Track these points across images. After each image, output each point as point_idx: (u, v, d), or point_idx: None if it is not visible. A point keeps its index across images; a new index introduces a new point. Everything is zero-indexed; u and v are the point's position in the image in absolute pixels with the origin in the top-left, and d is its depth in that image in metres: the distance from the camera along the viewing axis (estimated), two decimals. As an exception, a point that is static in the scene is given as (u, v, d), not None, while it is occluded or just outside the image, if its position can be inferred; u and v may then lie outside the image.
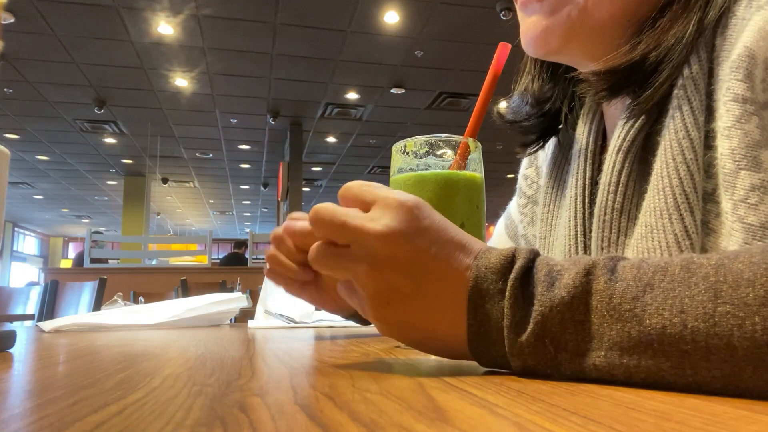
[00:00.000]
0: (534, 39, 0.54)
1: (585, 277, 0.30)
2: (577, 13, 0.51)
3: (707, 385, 0.27)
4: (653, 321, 0.28)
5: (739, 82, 0.40)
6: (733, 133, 0.40)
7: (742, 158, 0.40)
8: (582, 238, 0.55)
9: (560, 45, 0.53)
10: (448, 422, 0.20)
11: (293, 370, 0.36)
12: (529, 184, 0.71)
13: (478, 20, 4.65)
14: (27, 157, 8.65)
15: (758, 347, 0.25)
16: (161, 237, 10.91)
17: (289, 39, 5.01)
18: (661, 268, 0.29)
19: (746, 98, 0.40)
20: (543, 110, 0.63)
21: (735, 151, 0.40)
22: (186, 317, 1.00)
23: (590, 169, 0.57)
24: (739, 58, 0.41)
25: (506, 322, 0.32)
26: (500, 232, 0.78)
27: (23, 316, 2.72)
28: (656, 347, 0.28)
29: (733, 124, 0.40)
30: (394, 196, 0.37)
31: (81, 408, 0.24)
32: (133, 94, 6.23)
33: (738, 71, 0.40)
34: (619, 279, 0.30)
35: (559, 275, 0.31)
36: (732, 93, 0.41)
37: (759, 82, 0.40)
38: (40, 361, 0.47)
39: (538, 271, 0.32)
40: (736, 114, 0.40)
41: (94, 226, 14.30)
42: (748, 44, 0.40)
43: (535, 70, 0.64)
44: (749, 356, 0.25)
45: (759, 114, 0.40)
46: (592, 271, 0.31)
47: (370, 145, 8.22)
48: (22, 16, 4.48)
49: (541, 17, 0.53)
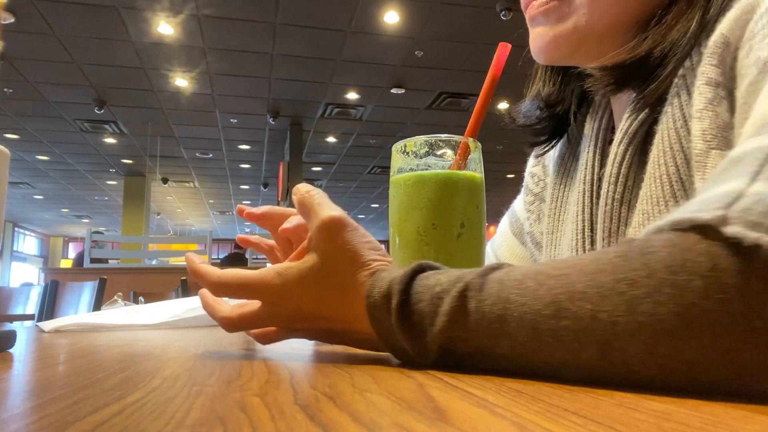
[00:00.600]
0: (543, 49, 0.55)
1: (459, 301, 0.33)
2: (584, 22, 0.51)
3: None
4: (507, 344, 0.31)
5: (713, 66, 0.41)
6: (705, 115, 0.41)
7: (713, 138, 0.40)
8: (589, 232, 0.55)
9: (569, 53, 0.54)
10: (448, 422, 0.20)
11: (293, 370, 0.36)
12: (536, 181, 0.72)
13: (478, 20, 4.65)
14: (27, 157, 8.65)
15: (585, 369, 0.28)
16: (161, 237, 10.91)
17: (289, 39, 5.01)
18: (517, 281, 0.32)
19: (718, 82, 0.41)
20: (554, 112, 0.64)
21: (706, 131, 0.41)
22: (186, 317, 1.00)
23: (598, 164, 0.57)
24: (714, 45, 0.42)
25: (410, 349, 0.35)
26: (504, 231, 0.78)
27: (23, 316, 2.72)
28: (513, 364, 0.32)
29: (705, 106, 0.41)
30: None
31: (81, 408, 0.24)
32: (133, 94, 6.23)
33: (713, 57, 0.41)
34: (485, 299, 0.32)
35: (440, 300, 0.34)
36: (705, 77, 0.42)
37: (729, 69, 0.41)
38: (40, 361, 0.46)
39: (419, 302, 0.35)
40: (708, 97, 0.41)
41: (94, 226, 14.30)
42: (724, 31, 0.41)
43: (546, 75, 0.65)
44: (593, 371, 0.28)
45: (729, 98, 0.40)
46: (465, 294, 0.33)
47: (370, 145, 8.22)
48: (22, 16, 4.47)
49: (548, 28, 0.54)
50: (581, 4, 0.51)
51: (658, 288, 0.26)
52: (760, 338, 0.24)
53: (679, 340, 0.25)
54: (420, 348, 0.34)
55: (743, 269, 0.24)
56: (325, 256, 0.40)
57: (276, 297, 0.41)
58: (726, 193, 0.26)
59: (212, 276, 0.43)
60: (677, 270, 0.25)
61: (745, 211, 0.25)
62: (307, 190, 0.43)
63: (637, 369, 0.27)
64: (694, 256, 0.25)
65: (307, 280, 0.40)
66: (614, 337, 0.27)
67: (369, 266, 0.39)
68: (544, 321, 0.29)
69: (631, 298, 0.26)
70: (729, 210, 0.25)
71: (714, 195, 0.27)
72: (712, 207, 0.26)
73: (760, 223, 0.24)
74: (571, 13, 0.52)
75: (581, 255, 0.31)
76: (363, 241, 0.40)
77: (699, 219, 0.26)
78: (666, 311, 0.25)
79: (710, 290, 0.24)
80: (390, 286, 0.36)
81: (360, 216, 13.82)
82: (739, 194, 0.26)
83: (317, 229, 0.40)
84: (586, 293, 0.28)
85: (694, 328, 0.25)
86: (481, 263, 0.51)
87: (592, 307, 0.27)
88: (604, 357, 0.27)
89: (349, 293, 0.39)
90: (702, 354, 0.25)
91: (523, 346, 0.30)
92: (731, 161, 0.30)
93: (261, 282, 0.41)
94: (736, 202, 0.25)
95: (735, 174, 0.28)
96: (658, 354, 0.26)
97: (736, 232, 0.24)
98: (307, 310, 0.41)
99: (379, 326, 0.37)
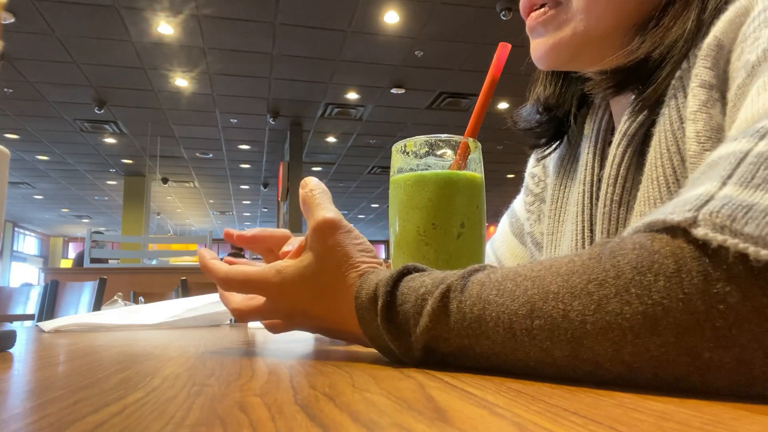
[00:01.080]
0: (543, 57, 0.56)
1: (441, 301, 0.34)
2: (582, 28, 0.52)
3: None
4: (486, 343, 0.32)
5: (707, 69, 0.41)
6: (699, 117, 0.41)
7: (707, 140, 0.40)
8: (589, 233, 0.56)
9: (569, 59, 0.55)
10: (448, 422, 0.20)
11: (293, 370, 0.36)
12: (537, 182, 0.72)
13: (478, 20, 4.65)
14: (27, 157, 8.65)
15: (558, 367, 0.29)
16: (161, 237, 10.90)
17: (289, 39, 5.01)
18: (497, 282, 0.32)
19: (712, 84, 0.41)
20: (554, 115, 0.65)
21: (700, 133, 0.41)
22: (186, 317, 1.00)
23: (598, 166, 0.58)
24: (708, 47, 0.42)
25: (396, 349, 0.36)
26: (505, 231, 0.78)
27: (23, 316, 2.72)
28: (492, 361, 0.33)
29: (699, 108, 0.41)
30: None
31: (81, 408, 0.24)
32: (133, 94, 6.23)
33: (706, 59, 0.42)
34: (466, 299, 0.33)
35: (424, 302, 0.35)
36: (699, 79, 0.42)
37: (722, 71, 0.41)
38: (40, 361, 0.47)
39: (404, 303, 0.36)
40: (702, 99, 0.41)
41: (94, 226, 14.30)
42: (717, 34, 0.41)
43: (547, 79, 0.66)
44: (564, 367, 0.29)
45: (722, 100, 0.41)
46: (447, 295, 0.34)
47: (370, 145, 8.22)
48: (22, 16, 4.47)
49: (547, 38, 0.55)
50: (578, 10, 0.52)
51: (626, 288, 0.27)
52: (721, 338, 0.24)
53: (645, 339, 0.26)
54: (405, 347, 0.36)
55: (707, 271, 0.25)
56: (318, 257, 0.42)
57: (275, 294, 0.44)
58: (698, 196, 0.27)
59: (220, 272, 0.46)
60: (644, 271, 0.26)
61: (712, 214, 0.25)
62: (311, 188, 0.45)
63: (606, 366, 0.28)
64: (660, 258, 0.26)
65: (303, 278, 0.42)
66: (584, 335, 0.28)
67: (358, 268, 0.41)
68: (519, 321, 0.30)
69: (600, 298, 0.27)
70: (699, 212, 0.26)
71: (687, 197, 0.28)
72: (684, 209, 0.27)
73: (726, 226, 0.24)
74: (568, 20, 0.53)
75: (559, 257, 0.32)
76: (354, 243, 0.42)
77: (671, 220, 0.27)
78: (632, 311, 0.26)
79: (674, 291, 0.25)
80: (376, 288, 0.37)
81: (360, 216, 13.82)
82: (710, 197, 0.26)
83: (312, 230, 0.42)
84: (559, 293, 0.29)
85: (659, 327, 0.26)
86: (482, 263, 0.51)
87: (564, 307, 0.28)
88: (575, 355, 0.28)
89: (340, 294, 0.41)
90: (665, 352, 0.26)
91: (500, 345, 0.31)
92: (708, 164, 0.30)
93: (262, 279, 0.44)
94: (705, 204, 0.26)
95: (709, 177, 0.28)
96: (625, 352, 0.27)
97: (704, 234, 0.25)
98: (302, 308, 0.44)
99: (366, 326, 0.38)
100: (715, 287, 0.24)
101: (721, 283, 0.24)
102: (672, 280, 0.25)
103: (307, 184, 0.46)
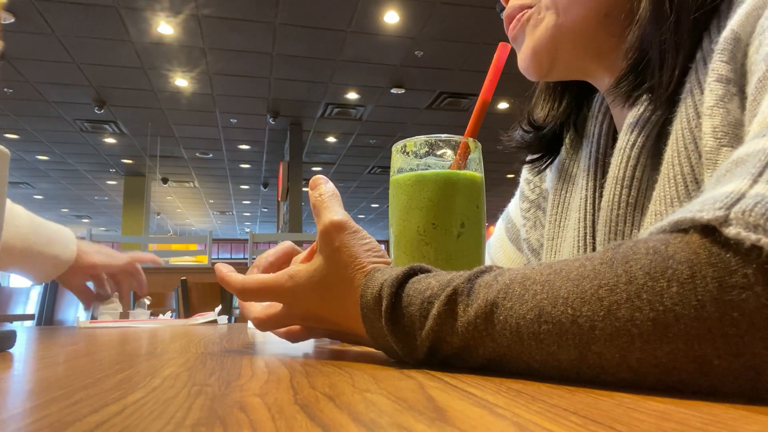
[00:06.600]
0: (527, 62, 0.56)
1: (447, 306, 0.34)
2: (553, 23, 0.52)
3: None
4: (490, 345, 0.32)
5: (724, 63, 0.41)
6: (716, 112, 0.40)
7: (724, 136, 0.40)
8: (591, 239, 0.55)
9: (551, 59, 0.54)
10: (448, 422, 0.20)
11: (293, 370, 0.36)
12: (532, 188, 0.71)
13: (478, 20, 4.65)
14: (27, 157, 8.65)
15: (562, 370, 0.29)
16: (161, 237, 10.90)
17: (289, 39, 5.01)
18: (505, 285, 0.32)
19: (729, 79, 0.40)
20: (549, 131, 0.65)
21: (717, 128, 0.40)
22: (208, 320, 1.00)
23: (600, 170, 0.57)
24: (725, 41, 0.41)
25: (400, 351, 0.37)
26: (500, 236, 0.78)
27: (23, 316, 2.72)
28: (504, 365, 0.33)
29: (716, 102, 0.40)
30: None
31: (81, 408, 0.24)
32: (133, 94, 6.23)
33: (723, 53, 0.41)
34: (472, 302, 0.33)
35: (430, 305, 0.34)
36: (716, 74, 0.41)
37: (740, 65, 0.40)
38: (40, 361, 0.46)
39: (409, 305, 0.36)
40: (719, 94, 0.40)
41: (94, 226, 14.32)
42: (734, 27, 0.41)
43: (546, 94, 0.66)
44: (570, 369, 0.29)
45: (740, 95, 0.40)
46: (453, 299, 0.34)
47: (370, 145, 8.22)
48: (22, 16, 4.48)
49: (527, 42, 0.55)
50: (547, 5, 0.53)
51: (638, 294, 0.26)
52: (732, 345, 0.24)
53: (653, 345, 0.26)
54: (409, 349, 0.36)
55: (722, 278, 0.24)
56: (326, 259, 0.42)
57: (290, 298, 0.45)
58: (727, 194, 0.26)
59: (236, 283, 0.47)
60: (657, 277, 0.26)
61: (745, 213, 0.24)
62: (320, 192, 0.46)
63: (611, 371, 0.27)
64: (674, 263, 0.25)
65: (314, 280, 0.43)
66: (592, 340, 0.27)
67: (364, 268, 0.40)
68: (526, 325, 0.30)
69: (611, 304, 0.27)
70: (731, 210, 0.25)
71: (716, 195, 0.27)
72: (714, 207, 0.26)
73: (760, 225, 0.24)
74: (542, 18, 0.53)
75: (569, 259, 0.31)
76: (361, 244, 0.42)
77: (699, 218, 0.26)
78: (642, 317, 0.26)
79: (687, 297, 0.25)
80: (381, 288, 0.37)
81: (360, 216, 13.83)
82: (741, 195, 0.25)
83: (320, 233, 0.43)
84: (568, 299, 0.29)
85: (669, 334, 0.25)
86: (481, 263, 0.51)
87: (573, 312, 0.28)
88: (582, 359, 0.28)
89: (348, 295, 0.41)
90: (673, 359, 0.25)
91: (506, 347, 0.31)
92: (734, 161, 0.30)
93: (276, 284, 0.44)
94: (737, 203, 0.25)
95: (737, 174, 0.27)
96: (632, 358, 0.26)
97: (737, 233, 0.24)
98: (315, 311, 0.44)
99: (370, 327, 0.38)
100: (730, 294, 0.24)
101: (736, 290, 0.24)
102: (685, 287, 0.25)
103: (317, 186, 0.46)
